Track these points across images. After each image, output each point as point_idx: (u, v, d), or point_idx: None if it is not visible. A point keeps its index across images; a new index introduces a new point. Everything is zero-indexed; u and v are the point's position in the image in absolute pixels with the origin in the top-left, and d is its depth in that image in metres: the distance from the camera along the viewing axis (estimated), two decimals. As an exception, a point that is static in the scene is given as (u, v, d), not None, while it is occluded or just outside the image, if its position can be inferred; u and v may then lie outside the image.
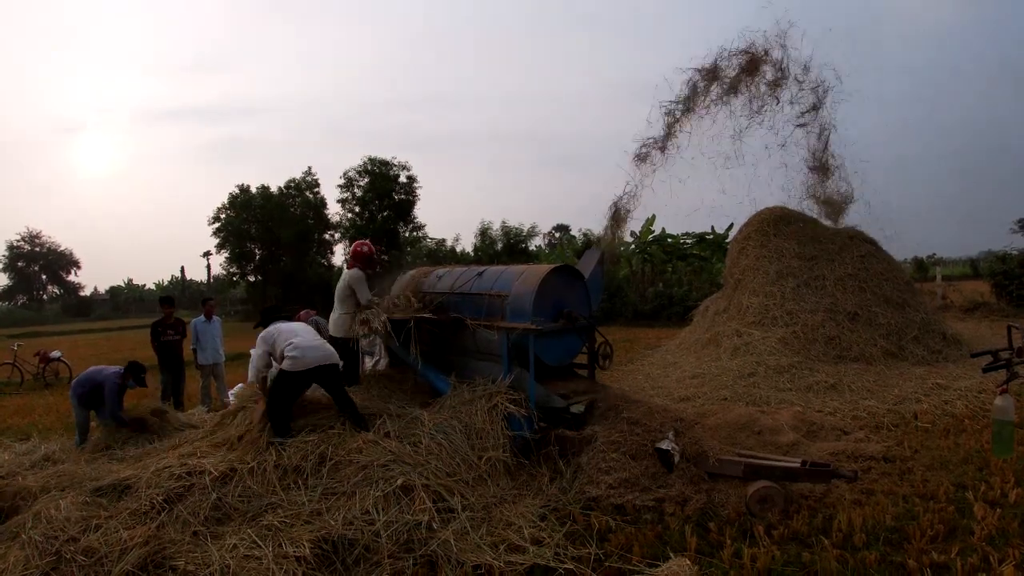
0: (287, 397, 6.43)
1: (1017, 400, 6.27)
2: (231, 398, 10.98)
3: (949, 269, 42.63)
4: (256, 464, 5.75)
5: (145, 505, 5.34)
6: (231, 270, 46.88)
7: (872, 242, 14.77)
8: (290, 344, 6.40)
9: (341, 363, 6.76)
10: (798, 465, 5.90)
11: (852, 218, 15.75)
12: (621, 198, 14.49)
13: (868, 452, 7.12)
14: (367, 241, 8.15)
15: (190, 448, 6.47)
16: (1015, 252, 23.37)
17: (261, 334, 6.72)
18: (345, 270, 7.93)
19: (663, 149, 14.38)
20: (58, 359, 17.31)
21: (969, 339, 13.49)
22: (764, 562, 4.66)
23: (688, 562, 4.66)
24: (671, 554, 4.85)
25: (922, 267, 37.12)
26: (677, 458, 5.93)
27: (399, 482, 5.52)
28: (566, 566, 4.74)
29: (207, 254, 55.97)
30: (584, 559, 4.84)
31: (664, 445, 5.97)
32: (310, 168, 48.31)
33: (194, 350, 11.19)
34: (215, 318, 11.46)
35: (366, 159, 43.67)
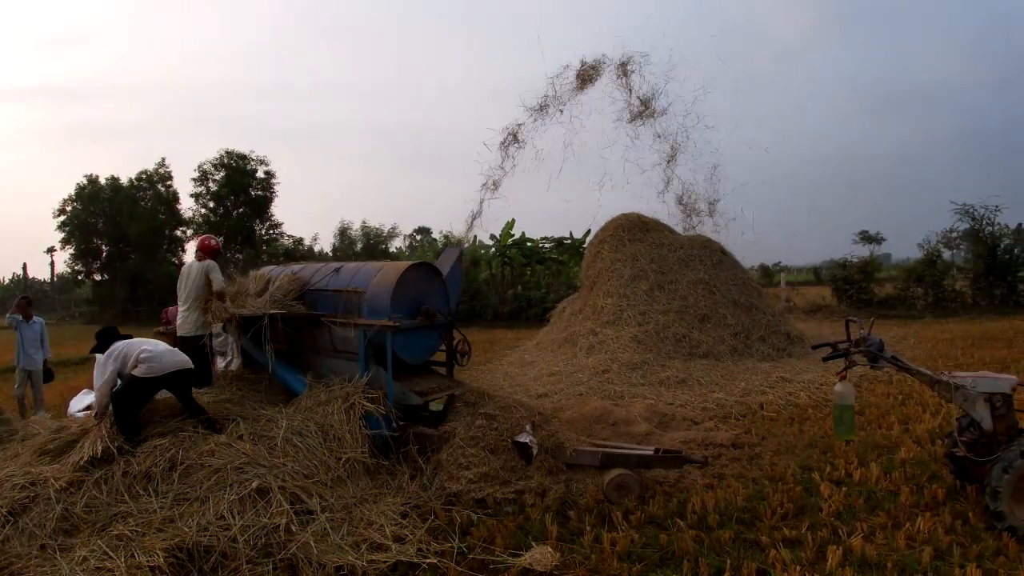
0: (136, 402, 6.07)
1: (855, 388, 6.74)
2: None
3: (793, 276, 45.21)
4: (103, 472, 5.41)
5: (-12, 519, 4.94)
6: (76, 268, 44.10)
7: (722, 250, 15.59)
8: (144, 351, 6.03)
9: (191, 367, 6.44)
10: (651, 453, 6.11)
11: (704, 227, 16.70)
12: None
13: (718, 440, 7.49)
14: (214, 235, 7.83)
15: (32, 456, 6.01)
16: (855, 260, 25.20)
17: (104, 355, 6.13)
18: (194, 263, 7.55)
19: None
20: None
21: (812, 337, 14.39)
22: (623, 545, 4.80)
23: (550, 549, 4.75)
24: (533, 543, 4.91)
25: (768, 273, 39.32)
26: (535, 450, 6.02)
27: (254, 485, 5.31)
28: (429, 561, 4.72)
29: (51, 250, 52.28)
30: (447, 553, 4.83)
31: (522, 438, 6.05)
32: (164, 159, 45.99)
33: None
34: (36, 319, 10.47)
35: (223, 152, 42.14)
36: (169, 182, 44.28)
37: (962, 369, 7.92)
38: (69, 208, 42.87)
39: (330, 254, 42.85)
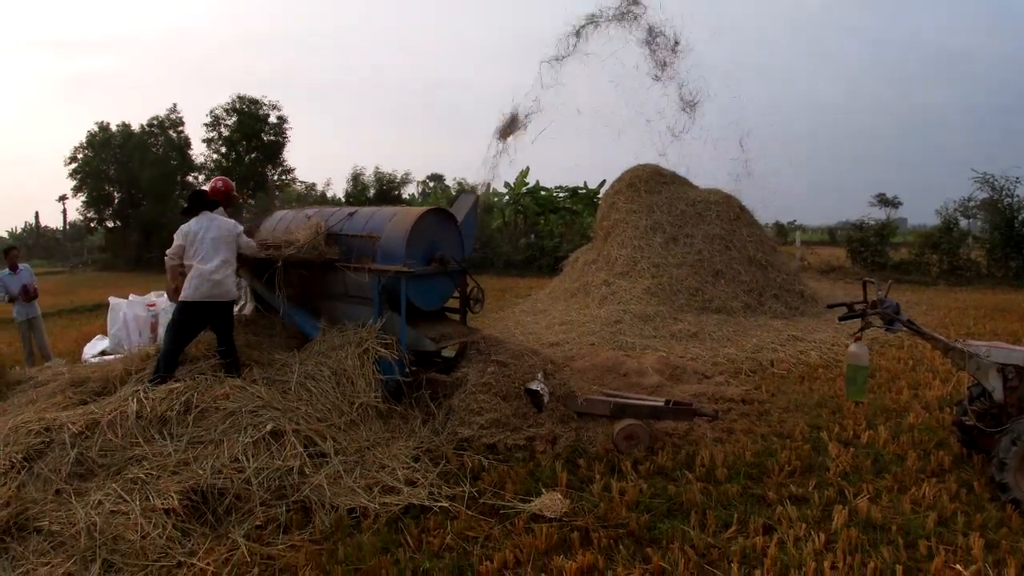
0: (185, 332, 6.25)
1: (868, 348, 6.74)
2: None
3: (808, 235, 45.02)
4: (117, 415, 5.42)
5: (4, 465, 4.95)
6: (88, 215, 44.12)
7: (741, 206, 15.44)
8: (194, 268, 6.16)
9: (240, 301, 6.50)
10: (662, 404, 6.13)
11: (721, 183, 16.46)
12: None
13: (728, 395, 7.51)
14: (223, 177, 7.68)
15: (47, 402, 6.05)
16: (872, 222, 24.96)
17: (183, 227, 6.32)
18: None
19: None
20: None
21: (825, 298, 14.34)
22: (632, 495, 4.85)
23: (560, 496, 4.79)
24: (543, 489, 4.96)
25: (782, 231, 39.12)
26: (546, 398, 6.06)
27: (268, 428, 5.35)
28: (441, 504, 4.78)
29: (63, 198, 52.25)
30: (458, 497, 4.89)
31: (534, 386, 6.07)
32: (175, 105, 45.63)
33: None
34: (23, 267, 10.52)
35: (235, 97, 41.88)
36: (181, 128, 44.11)
37: (974, 339, 7.91)
38: (81, 156, 42.70)
39: (342, 199, 42.58)
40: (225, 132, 42.13)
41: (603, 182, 28.31)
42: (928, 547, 4.19)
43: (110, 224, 44.87)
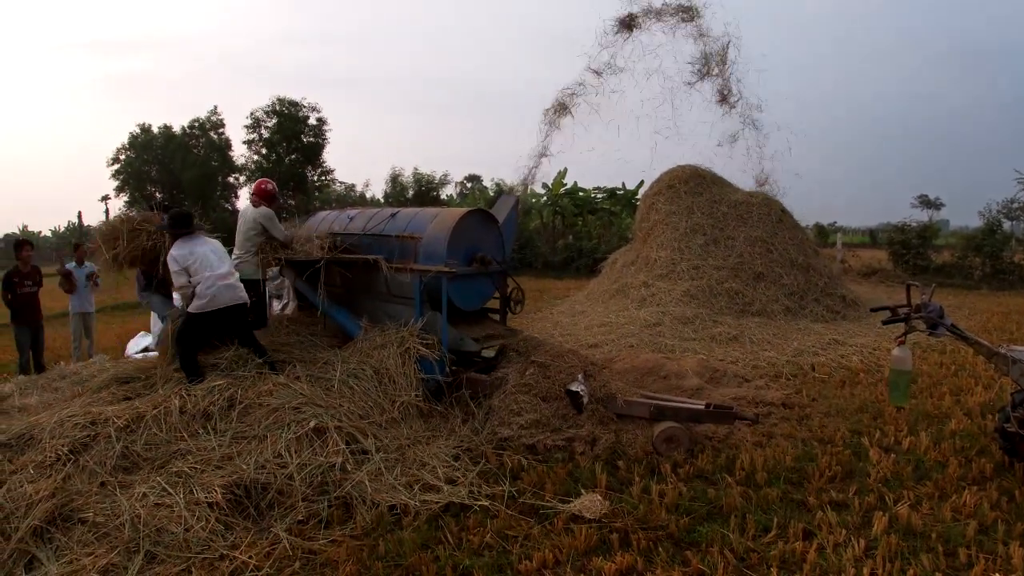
0: (196, 340, 6.29)
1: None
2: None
3: (848, 237, 44.38)
4: (161, 410, 5.53)
5: (50, 457, 5.05)
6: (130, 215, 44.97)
7: (783, 209, 15.30)
8: (201, 282, 6.15)
9: (248, 302, 6.56)
10: (703, 407, 6.11)
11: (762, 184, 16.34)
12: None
13: (768, 398, 7.44)
14: (270, 179, 7.85)
15: (93, 397, 6.19)
16: (914, 224, 24.50)
17: (172, 254, 6.23)
18: (249, 208, 7.60)
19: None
20: None
21: (867, 301, 14.14)
22: (671, 497, 4.84)
23: (599, 497, 4.79)
24: (582, 490, 4.97)
25: (823, 233, 38.61)
26: (586, 400, 6.05)
27: (311, 424, 5.43)
28: (480, 503, 4.81)
29: (105, 198, 53.27)
30: (498, 496, 4.92)
31: (574, 387, 6.07)
32: (216, 107, 46.38)
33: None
34: (87, 264, 10.69)
35: (275, 99, 42.43)
36: (221, 129, 44.77)
37: (1017, 344, 7.76)
38: (123, 157, 43.51)
39: (381, 200, 42.99)
40: (265, 134, 42.66)
41: (641, 183, 28.23)
42: (968, 555, 4.13)
43: (152, 224, 45.56)
